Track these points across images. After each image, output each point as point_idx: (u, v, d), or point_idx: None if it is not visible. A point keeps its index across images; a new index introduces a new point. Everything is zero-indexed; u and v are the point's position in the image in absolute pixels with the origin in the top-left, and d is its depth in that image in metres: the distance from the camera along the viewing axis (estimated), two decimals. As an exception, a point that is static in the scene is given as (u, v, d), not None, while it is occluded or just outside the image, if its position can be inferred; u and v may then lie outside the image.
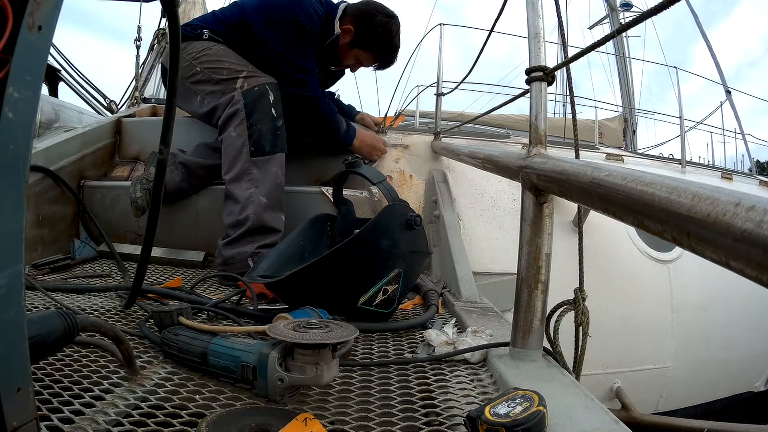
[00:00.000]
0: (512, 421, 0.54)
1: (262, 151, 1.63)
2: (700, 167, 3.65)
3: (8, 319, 0.36)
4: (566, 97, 6.19)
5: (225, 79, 1.69)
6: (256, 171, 1.63)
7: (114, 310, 1.09)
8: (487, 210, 2.11)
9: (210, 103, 1.73)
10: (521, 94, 1.06)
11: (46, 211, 1.75)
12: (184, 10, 3.55)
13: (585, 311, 0.92)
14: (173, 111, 0.83)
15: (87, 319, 0.64)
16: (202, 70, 1.72)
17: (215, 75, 1.71)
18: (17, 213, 0.36)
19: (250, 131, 1.63)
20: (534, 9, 0.90)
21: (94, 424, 0.56)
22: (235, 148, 1.64)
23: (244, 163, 1.62)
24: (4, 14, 0.34)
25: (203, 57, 1.73)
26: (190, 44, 1.76)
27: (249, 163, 1.62)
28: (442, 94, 2.48)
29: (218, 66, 1.71)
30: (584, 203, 0.64)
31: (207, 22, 1.83)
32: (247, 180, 1.62)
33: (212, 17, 1.86)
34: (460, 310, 1.23)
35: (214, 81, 1.71)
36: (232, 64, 1.71)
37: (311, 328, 0.68)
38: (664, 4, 0.52)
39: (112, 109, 3.49)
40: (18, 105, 0.35)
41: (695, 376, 2.70)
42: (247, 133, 1.63)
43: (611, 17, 8.29)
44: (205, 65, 1.72)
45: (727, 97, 4.56)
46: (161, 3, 0.75)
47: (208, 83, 1.72)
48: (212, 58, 1.73)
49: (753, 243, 0.32)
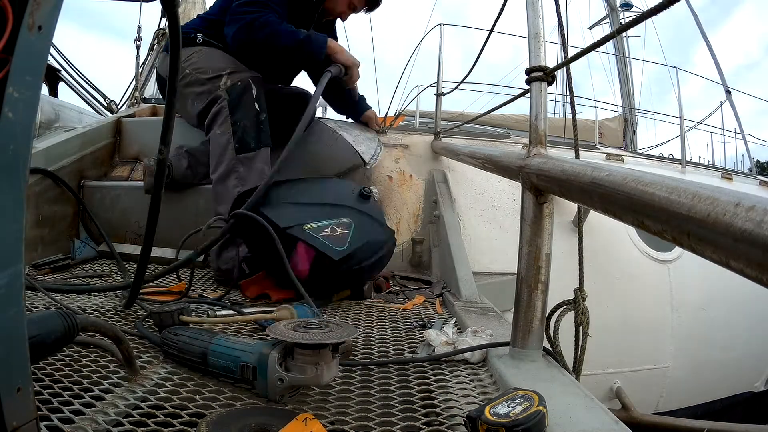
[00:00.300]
0: (512, 421, 0.54)
1: (246, 148, 1.64)
2: (700, 167, 3.65)
3: (8, 319, 0.36)
4: (566, 97, 6.19)
5: (210, 77, 1.70)
6: (243, 168, 1.63)
7: (114, 310, 1.09)
8: (487, 210, 2.11)
9: (198, 105, 1.74)
10: (521, 94, 1.06)
11: (46, 211, 1.75)
12: (184, 10, 3.55)
13: (585, 311, 0.92)
14: (173, 111, 0.83)
15: (87, 319, 0.65)
16: (191, 72, 1.74)
17: (202, 75, 1.72)
18: (17, 213, 0.36)
19: (234, 128, 1.64)
20: (534, 9, 0.90)
21: (94, 424, 0.56)
22: (221, 146, 1.65)
23: (230, 161, 1.63)
24: (4, 14, 0.34)
25: (191, 59, 1.75)
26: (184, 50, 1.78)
27: (235, 161, 1.63)
28: (442, 94, 2.48)
29: (204, 66, 1.73)
30: (584, 203, 0.64)
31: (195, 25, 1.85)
32: (234, 177, 1.63)
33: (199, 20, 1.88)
34: (460, 310, 1.23)
35: (201, 81, 1.73)
36: (217, 62, 1.73)
37: (311, 328, 0.68)
38: (664, 4, 0.52)
39: (112, 109, 3.49)
40: (18, 105, 0.35)
41: (695, 376, 2.69)
42: (231, 130, 1.64)
43: (611, 17, 8.29)
44: (193, 66, 1.74)
45: (727, 97, 4.56)
46: (161, 3, 0.75)
47: (197, 84, 1.74)
48: (201, 58, 1.75)
49: (753, 243, 0.32)
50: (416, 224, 2.01)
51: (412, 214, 2.02)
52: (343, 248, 1.28)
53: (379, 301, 1.42)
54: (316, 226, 1.28)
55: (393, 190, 2.03)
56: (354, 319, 1.20)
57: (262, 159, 1.67)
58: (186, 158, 1.84)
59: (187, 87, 1.76)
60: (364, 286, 1.45)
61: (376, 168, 2.05)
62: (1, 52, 0.34)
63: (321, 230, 1.28)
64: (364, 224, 1.37)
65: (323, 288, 1.35)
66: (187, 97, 1.78)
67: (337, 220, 1.32)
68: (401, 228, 1.99)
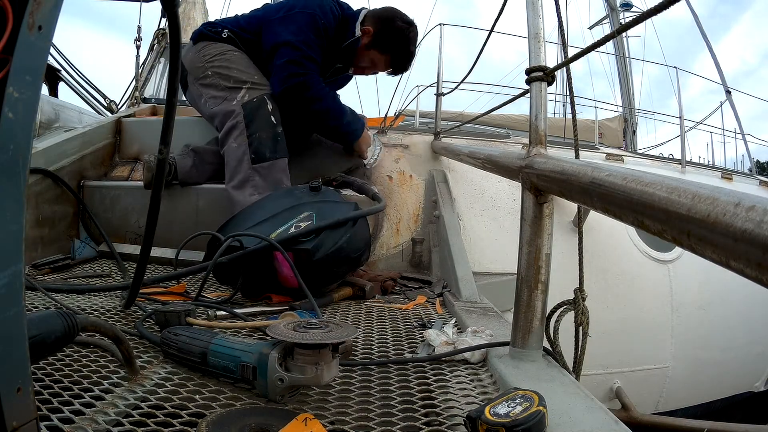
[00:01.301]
0: (512, 421, 0.54)
1: (262, 158, 1.65)
2: (700, 167, 3.65)
3: (8, 319, 0.36)
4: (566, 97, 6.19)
5: (230, 87, 1.73)
6: (259, 178, 1.65)
7: (114, 310, 1.09)
8: (487, 210, 2.11)
9: (211, 107, 1.76)
10: (521, 94, 1.06)
11: (46, 211, 1.75)
12: (184, 10, 3.55)
13: (585, 311, 0.92)
14: (173, 111, 0.83)
15: (87, 319, 0.64)
16: (213, 74, 1.76)
17: (222, 81, 1.75)
18: (17, 213, 0.36)
19: (249, 140, 1.66)
20: (534, 9, 0.90)
21: (94, 424, 0.56)
22: (236, 158, 1.67)
23: (246, 171, 1.65)
24: (4, 14, 0.34)
25: (216, 61, 1.77)
26: (209, 45, 1.81)
27: (251, 171, 1.65)
28: (442, 94, 2.48)
29: (227, 73, 1.75)
30: (584, 203, 0.64)
31: (228, 22, 1.87)
32: (251, 186, 1.64)
33: (234, 19, 1.91)
34: (460, 310, 1.23)
35: (220, 87, 1.75)
36: (240, 72, 1.75)
37: (311, 328, 0.68)
38: (664, 4, 0.52)
39: (112, 109, 3.49)
40: (18, 105, 0.35)
41: (695, 376, 2.69)
42: (247, 142, 1.66)
43: (611, 17, 8.29)
44: (216, 70, 1.76)
45: (727, 97, 4.55)
46: (161, 3, 0.75)
47: (215, 88, 1.76)
48: (224, 63, 1.76)
49: (753, 243, 0.32)
50: (416, 224, 2.01)
51: (412, 214, 2.02)
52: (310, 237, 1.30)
53: (379, 301, 1.42)
54: (281, 230, 1.32)
55: (393, 190, 2.03)
56: (354, 319, 1.20)
57: (279, 169, 1.69)
58: (191, 157, 1.85)
59: (204, 87, 1.79)
60: (366, 287, 1.45)
61: (376, 168, 2.05)
62: (1, 52, 0.34)
63: (286, 232, 1.31)
64: (323, 211, 1.40)
65: (319, 284, 1.34)
66: (202, 96, 1.81)
67: (297, 217, 1.36)
68: (401, 228, 1.99)
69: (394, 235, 1.97)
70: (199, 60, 1.80)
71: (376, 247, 1.91)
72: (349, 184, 1.85)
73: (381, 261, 1.93)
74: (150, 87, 3.30)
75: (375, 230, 1.92)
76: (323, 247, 1.29)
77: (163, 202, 0.92)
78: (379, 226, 1.95)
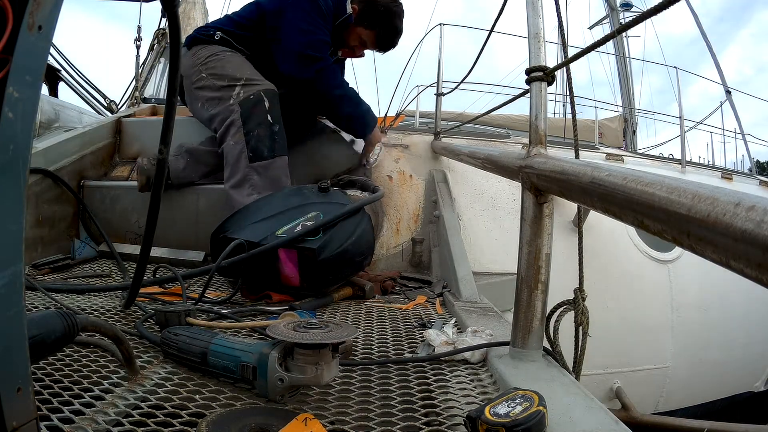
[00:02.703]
0: (512, 421, 0.54)
1: (260, 156, 1.64)
2: (700, 167, 3.65)
3: (8, 319, 0.36)
4: (566, 97, 6.18)
5: (224, 86, 1.72)
6: (257, 177, 1.63)
7: (114, 310, 1.09)
8: (487, 210, 2.11)
9: (209, 110, 1.75)
10: (521, 94, 1.06)
11: (46, 211, 1.75)
12: (184, 10, 3.54)
13: (585, 311, 0.92)
14: (173, 111, 0.83)
15: (87, 319, 0.64)
16: (207, 76, 1.75)
17: (217, 81, 1.74)
18: (17, 213, 0.36)
19: (247, 137, 1.65)
20: (534, 9, 0.90)
21: (94, 424, 0.56)
22: (234, 156, 1.65)
23: (244, 170, 1.63)
24: (4, 14, 0.34)
25: (209, 63, 1.76)
26: (202, 48, 1.80)
27: (248, 169, 1.63)
28: (442, 94, 2.48)
29: (221, 72, 1.74)
30: (584, 203, 0.64)
31: (220, 23, 1.86)
32: (249, 186, 1.63)
33: (226, 19, 1.90)
34: (460, 310, 1.23)
35: (215, 87, 1.74)
36: (233, 70, 1.73)
37: (311, 328, 0.68)
38: (664, 4, 0.52)
39: (112, 109, 3.50)
40: (18, 105, 0.35)
41: (695, 376, 2.69)
42: (244, 140, 1.65)
43: (611, 17, 8.28)
44: (210, 71, 1.75)
45: (727, 98, 4.55)
46: (161, 3, 0.75)
47: (210, 89, 1.75)
48: (217, 64, 1.76)
49: (753, 243, 0.32)
50: (416, 224, 2.01)
51: (412, 214, 2.02)
52: (317, 236, 1.30)
53: (379, 301, 1.42)
54: (287, 228, 1.32)
55: (393, 190, 2.03)
56: (354, 319, 1.20)
57: (279, 167, 1.67)
58: (184, 158, 1.83)
59: (199, 90, 1.78)
60: (366, 287, 1.45)
61: (377, 168, 2.05)
62: (1, 52, 0.34)
63: (292, 230, 1.31)
64: (332, 211, 1.39)
65: (321, 285, 1.35)
66: (198, 100, 1.80)
67: (305, 216, 1.36)
68: (401, 228, 1.99)
69: (394, 235, 1.97)
70: (193, 64, 1.79)
71: (376, 247, 1.91)
72: (353, 183, 1.84)
73: (381, 261, 1.93)
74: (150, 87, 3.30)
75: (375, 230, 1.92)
76: (328, 248, 1.29)
77: (163, 203, 0.92)
78: (380, 226, 1.95)
